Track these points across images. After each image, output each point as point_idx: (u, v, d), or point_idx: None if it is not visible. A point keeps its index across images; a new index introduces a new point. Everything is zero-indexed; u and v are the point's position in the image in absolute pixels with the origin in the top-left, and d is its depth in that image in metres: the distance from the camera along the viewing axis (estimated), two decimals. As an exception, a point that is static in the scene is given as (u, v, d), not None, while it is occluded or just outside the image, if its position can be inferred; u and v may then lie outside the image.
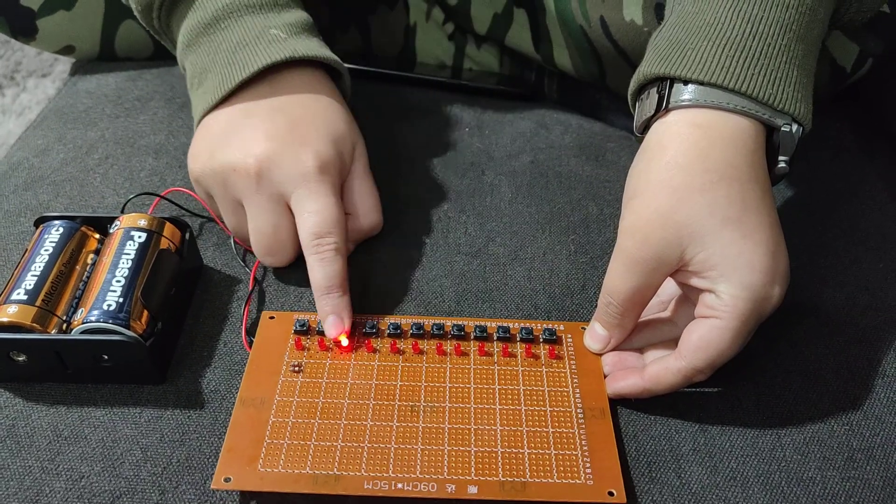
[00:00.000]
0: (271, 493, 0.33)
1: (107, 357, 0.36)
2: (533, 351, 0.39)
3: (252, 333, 0.40)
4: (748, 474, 0.35)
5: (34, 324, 0.36)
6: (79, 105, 0.55)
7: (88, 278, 0.39)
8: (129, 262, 0.38)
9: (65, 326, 0.37)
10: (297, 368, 0.38)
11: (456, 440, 0.35)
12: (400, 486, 0.33)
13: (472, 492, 0.33)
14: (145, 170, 0.49)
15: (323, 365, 0.38)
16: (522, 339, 0.39)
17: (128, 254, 0.39)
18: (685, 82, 0.36)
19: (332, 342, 0.39)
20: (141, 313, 0.37)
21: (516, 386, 0.38)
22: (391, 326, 0.39)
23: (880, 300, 0.43)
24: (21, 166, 0.50)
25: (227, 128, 0.42)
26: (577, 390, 0.37)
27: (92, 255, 0.40)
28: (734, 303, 0.34)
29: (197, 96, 0.44)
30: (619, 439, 0.36)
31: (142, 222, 0.40)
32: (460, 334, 0.40)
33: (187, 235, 0.42)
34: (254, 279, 0.42)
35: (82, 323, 0.36)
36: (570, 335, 0.40)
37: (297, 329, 0.39)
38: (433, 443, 0.35)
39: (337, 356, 0.39)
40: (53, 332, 0.36)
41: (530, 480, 0.33)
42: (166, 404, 0.37)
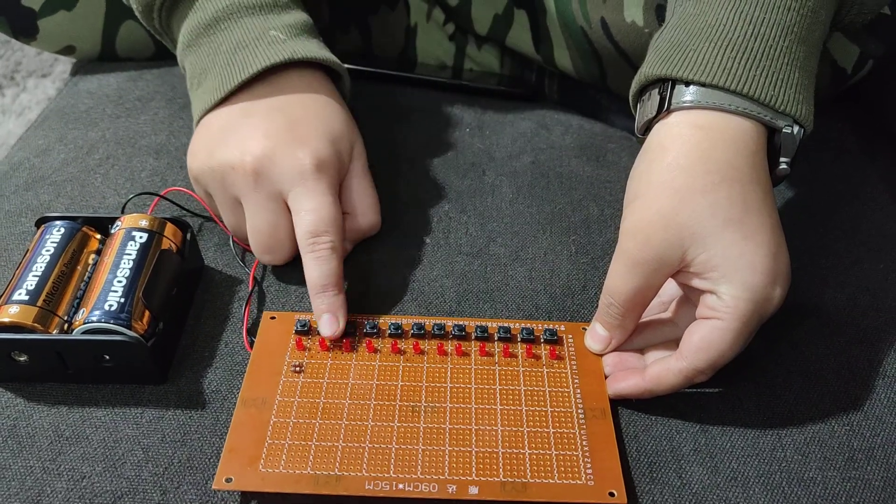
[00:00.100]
0: (272, 494, 0.33)
1: (108, 357, 0.36)
2: (534, 351, 0.39)
3: (253, 334, 0.40)
4: (749, 475, 0.35)
5: (35, 324, 0.36)
6: (80, 105, 0.55)
7: (90, 278, 0.39)
8: (131, 263, 0.38)
9: (66, 327, 0.37)
10: (298, 369, 0.38)
11: (457, 440, 0.35)
12: (401, 486, 0.33)
13: (473, 492, 0.33)
14: (146, 170, 0.49)
15: (324, 365, 0.38)
16: (523, 340, 0.39)
17: (129, 254, 0.39)
18: (687, 84, 0.36)
19: (330, 341, 0.39)
20: (142, 313, 0.37)
21: (517, 386, 0.38)
22: (392, 326, 0.39)
23: (881, 301, 0.43)
24: (22, 166, 0.50)
25: (226, 127, 0.42)
26: (578, 391, 0.37)
27: (93, 256, 0.40)
28: (735, 304, 0.34)
29: (197, 96, 0.44)
30: (620, 440, 0.36)
31: (143, 223, 0.40)
32: (461, 334, 0.40)
33: (188, 236, 0.42)
34: (253, 279, 0.42)
35: (84, 323, 0.36)
36: (570, 336, 0.40)
37: (298, 329, 0.39)
38: (434, 443, 0.35)
39: (338, 356, 0.39)
40: (55, 332, 0.36)
41: (531, 481, 0.33)
42: (168, 405, 0.37)
